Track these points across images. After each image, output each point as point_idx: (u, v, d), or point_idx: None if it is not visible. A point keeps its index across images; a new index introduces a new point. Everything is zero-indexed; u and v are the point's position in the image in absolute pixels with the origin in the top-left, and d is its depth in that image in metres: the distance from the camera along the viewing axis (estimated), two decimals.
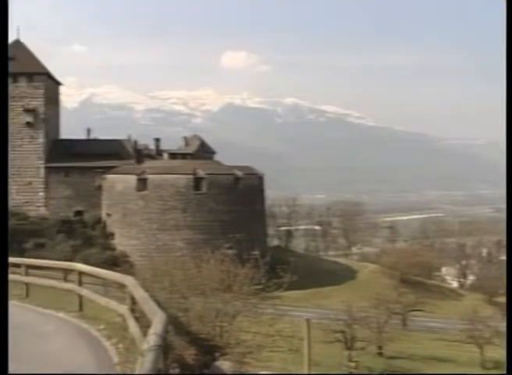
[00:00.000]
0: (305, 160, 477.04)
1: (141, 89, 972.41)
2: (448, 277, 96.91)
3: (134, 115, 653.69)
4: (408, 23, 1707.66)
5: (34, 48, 75.53)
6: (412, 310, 49.72)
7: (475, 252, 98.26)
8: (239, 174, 61.93)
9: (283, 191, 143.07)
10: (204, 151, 75.77)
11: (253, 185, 63.58)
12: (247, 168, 65.42)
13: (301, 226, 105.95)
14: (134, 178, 60.43)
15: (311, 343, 18.17)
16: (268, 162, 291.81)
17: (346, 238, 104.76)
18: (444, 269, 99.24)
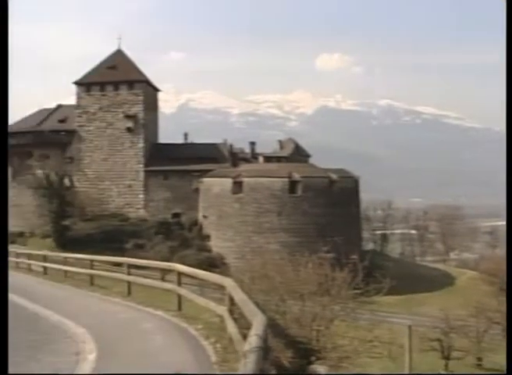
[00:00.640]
0: (401, 163, 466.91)
1: (236, 93, 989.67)
2: None
3: (229, 119, 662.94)
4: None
5: (134, 56, 78.39)
6: None
7: None
8: (334, 177, 61.38)
9: (378, 194, 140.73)
10: (298, 154, 75.66)
11: (348, 188, 62.84)
12: (341, 171, 64.75)
13: (397, 231, 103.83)
14: (230, 181, 61.18)
15: (412, 351, 17.73)
16: (363, 164, 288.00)
17: (444, 243, 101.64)
18: None
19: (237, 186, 60.72)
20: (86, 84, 73.92)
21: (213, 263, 51.83)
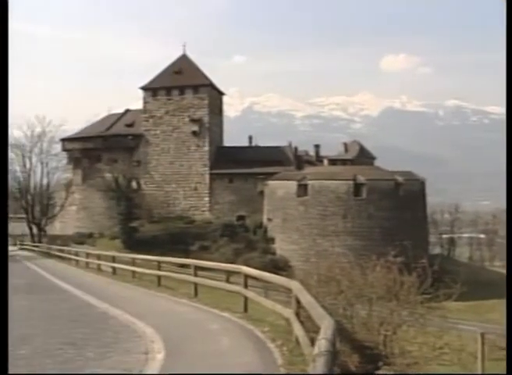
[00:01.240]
0: (468, 165, 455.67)
1: (300, 96, 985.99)
2: None
3: (294, 122, 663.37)
4: None
5: (199, 61, 79.53)
6: None
7: None
8: (399, 180, 60.39)
9: (446, 197, 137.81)
10: (363, 157, 74.86)
11: (414, 191, 61.69)
12: (408, 173, 63.62)
13: (465, 234, 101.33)
14: (295, 184, 61.12)
15: (484, 359, 17.21)
16: (430, 166, 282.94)
17: None
18: None
19: (302, 189, 60.61)
20: (152, 89, 75.45)
21: (277, 266, 51.86)
